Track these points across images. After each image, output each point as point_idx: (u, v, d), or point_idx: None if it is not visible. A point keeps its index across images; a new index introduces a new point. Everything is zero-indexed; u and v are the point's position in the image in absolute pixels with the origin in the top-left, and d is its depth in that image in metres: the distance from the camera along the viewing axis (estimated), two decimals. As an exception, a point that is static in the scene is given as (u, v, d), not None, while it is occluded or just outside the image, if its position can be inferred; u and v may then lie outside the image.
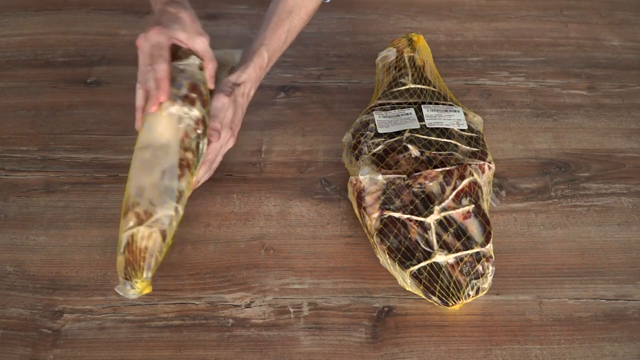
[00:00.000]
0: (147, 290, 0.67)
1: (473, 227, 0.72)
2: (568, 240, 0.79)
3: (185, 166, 0.72)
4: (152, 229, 0.68)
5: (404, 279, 0.71)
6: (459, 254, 0.70)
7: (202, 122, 0.75)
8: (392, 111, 0.84)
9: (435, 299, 0.69)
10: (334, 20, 1.14)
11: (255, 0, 1.20)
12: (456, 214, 0.73)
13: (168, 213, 0.69)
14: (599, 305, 0.72)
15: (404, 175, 0.75)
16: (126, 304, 0.71)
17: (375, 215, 0.74)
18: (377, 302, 0.72)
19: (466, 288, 0.69)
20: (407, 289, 0.71)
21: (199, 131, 0.74)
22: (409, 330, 0.70)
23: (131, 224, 0.68)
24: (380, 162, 0.78)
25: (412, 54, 0.93)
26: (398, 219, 0.73)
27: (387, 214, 0.73)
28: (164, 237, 0.69)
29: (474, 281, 0.69)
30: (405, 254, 0.71)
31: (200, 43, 0.77)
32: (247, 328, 0.70)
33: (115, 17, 1.14)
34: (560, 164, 0.89)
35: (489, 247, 0.71)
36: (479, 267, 0.69)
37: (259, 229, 0.79)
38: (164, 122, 0.73)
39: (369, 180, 0.76)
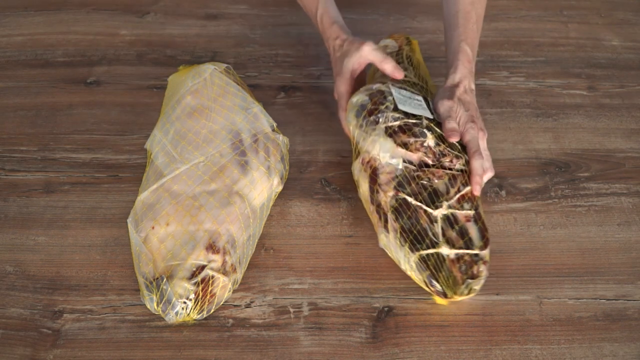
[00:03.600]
0: (183, 321, 0.69)
1: (472, 231, 0.72)
2: (568, 240, 0.79)
3: None
4: (230, 286, 0.70)
5: (409, 262, 0.70)
6: (460, 251, 0.70)
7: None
8: (405, 92, 0.82)
9: (437, 285, 0.68)
10: (334, 20, 1.14)
11: (255, 0, 1.20)
12: (459, 214, 0.73)
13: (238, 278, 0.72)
14: (599, 305, 0.72)
15: (414, 167, 0.75)
16: (126, 304, 0.71)
17: (391, 193, 0.73)
18: (377, 302, 0.72)
19: (462, 285, 0.69)
20: (408, 272, 0.71)
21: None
22: (409, 330, 0.70)
23: (213, 265, 0.69)
24: (396, 137, 0.76)
25: (410, 53, 0.93)
26: (410, 204, 0.73)
27: (402, 195, 0.73)
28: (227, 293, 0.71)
29: (469, 280, 0.69)
30: (417, 237, 0.71)
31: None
32: (247, 328, 0.70)
33: (115, 17, 1.14)
34: (560, 164, 0.89)
35: (486, 252, 0.71)
36: (475, 268, 0.69)
37: (259, 229, 0.80)
38: None
39: (387, 159, 0.75)
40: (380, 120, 0.78)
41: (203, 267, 0.68)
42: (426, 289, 0.70)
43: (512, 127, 0.94)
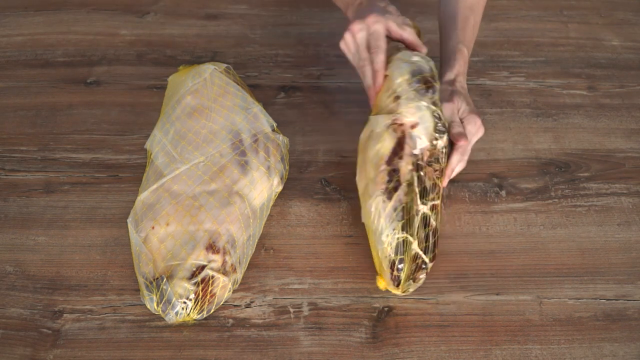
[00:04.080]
0: (183, 321, 0.68)
1: (430, 241, 0.72)
2: (568, 240, 0.79)
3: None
4: (230, 286, 0.70)
5: (391, 237, 0.69)
6: (420, 253, 0.70)
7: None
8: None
9: (402, 271, 0.69)
10: (334, 20, 1.14)
11: (255, 0, 1.20)
12: (431, 220, 0.72)
13: (238, 278, 0.72)
14: (599, 305, 0.72)
15: (423, 158, 0.75)
16: (126, 304, 0.71)
17: (410, 167, 0.73)
18: (377, 302, 0.72)
19: (406, 282, 0.69)
20: (377, 246, 0.70)
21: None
22: (409, 330, 0.70)
23: (213, 265, 0.69)
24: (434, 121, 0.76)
25: None
26: (414, 188, 0.72)
27: (416, 175, 0.72)
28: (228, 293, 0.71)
29: (411, 281, 0.69)
30: (409, 221, 0.71)
31: (409, 32, 0.79)
32: (247, 328, 0.70)
33: (115, 17, 1.14)
34: (560, 164, 0.89)
35: (431, 265, 0.72)
36: (419, 273, 0.70)
37: (259, 229, 0.80)
38: None
39: (420, 135, 0.74)
40: (433, 96, 0.76)
41: (203, 267, 0.68)
42: (382, 268, 0.70)
43: (512, 127, 0.94)
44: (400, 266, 0.69)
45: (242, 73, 1.02)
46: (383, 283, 0.71)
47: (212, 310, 0.70)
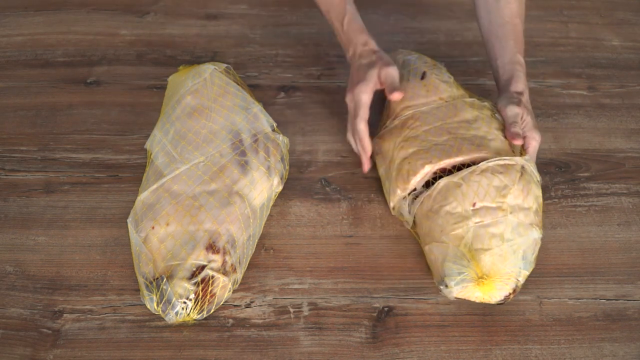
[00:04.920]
0: (183, 321, 0.68)
1: None
2: (568, 240, 0.79)
3: None
4: (230, 286, 0.70)
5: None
6: None
7: None
8: None
9: None
10: (334, 20, 1.14)
11: (255, 0, 1.20)
12: None
13: (238, 278, 0.72)
14: (599, 305, 0.72)
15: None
16: (126, 304, 0.71)
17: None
18: (377, 302, 0.72)
19: None
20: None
21: None
22: (409, 330, 0.70)
23: (213, 265, 0.69)
24: None
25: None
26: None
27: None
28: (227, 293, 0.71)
29: None
30: None
31: (391, 81, 0.81)
32: (247, 328, 0.70)
33: (115, 17, 1.14)
34: (560, 164, 0.89)
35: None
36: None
37: (259, 229, 0.80)
38: None
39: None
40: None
41: (203, 267, 0.68)
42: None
43: (512, 127, 0.94)
44: None
45: (242, 73, 1.02)
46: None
47: (212, 310, 0.70)
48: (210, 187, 0.74)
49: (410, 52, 0.95)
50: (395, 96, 0.79)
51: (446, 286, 0.69)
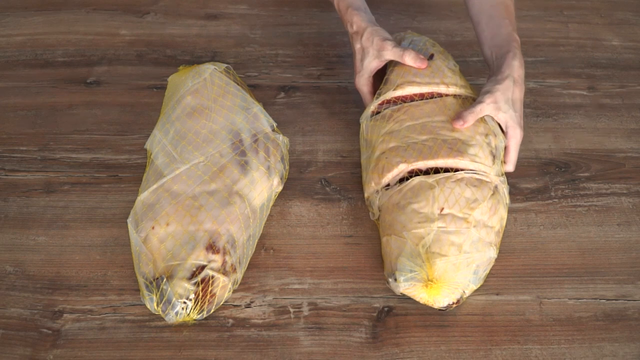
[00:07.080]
0: (183, 321, 0.68)
1: None
2: (568, 240, 0.79)
3: None
4: (230, 286, 0.70)
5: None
6: None
7: None
8: None
9: None
10: (334, 20, 1.14)
11: (255, 0, 1.20)
12: None
13: (238, 278, 0.72)
14: (599, 305, 0.72)
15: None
16: (126, 304, 0.71)
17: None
18: (377, 302, 0.72)
19: None
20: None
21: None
22: (409, 330, 0.70)
23: (213, 265, 0.68)
24: None
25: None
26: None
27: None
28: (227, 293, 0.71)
29: None
30: None
31: (390, 55, 0.85)
32: (247, 328, 0.70)
33: (115, 17, 1.14)
34: (560, 164, 0.89)
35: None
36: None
37: (259, 229, 0.80)
38: None
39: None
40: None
41: (203, 267, 0.68)
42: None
43: (512, 127, 0.94)
44: None
45: (242, 73, 1.02)
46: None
47: (212, 310, 0.70)
48: (210, 187, 0.74)
49: (419, 35, 0.95)
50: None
51: (395, 280, 0.70)
